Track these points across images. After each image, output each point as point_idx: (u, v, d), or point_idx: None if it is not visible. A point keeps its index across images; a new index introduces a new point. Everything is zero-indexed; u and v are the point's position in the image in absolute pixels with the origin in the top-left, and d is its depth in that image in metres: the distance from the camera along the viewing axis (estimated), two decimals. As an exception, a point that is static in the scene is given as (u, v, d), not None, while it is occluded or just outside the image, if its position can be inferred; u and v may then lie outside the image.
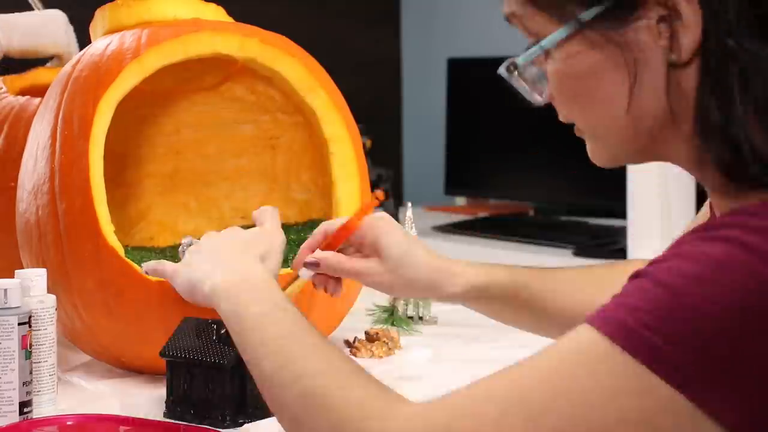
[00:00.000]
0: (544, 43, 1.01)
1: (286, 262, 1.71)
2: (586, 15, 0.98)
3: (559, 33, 0.99)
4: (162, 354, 1.42)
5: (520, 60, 1.04)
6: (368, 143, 3.32)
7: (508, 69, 1.05)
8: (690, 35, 0.95)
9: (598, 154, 1.07)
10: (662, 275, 0.89)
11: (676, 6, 0.95)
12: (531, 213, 3.73)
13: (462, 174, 3.89)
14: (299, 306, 1.18)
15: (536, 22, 1.01)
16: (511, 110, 4.07)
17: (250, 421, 1.36)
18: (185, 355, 1.40)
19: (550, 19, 1.00)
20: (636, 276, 0.92)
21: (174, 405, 1.41)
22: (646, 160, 1.06)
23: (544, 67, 1.04)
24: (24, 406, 1.36)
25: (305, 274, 1.38)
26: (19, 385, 1.36)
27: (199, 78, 1.83)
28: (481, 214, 3.78)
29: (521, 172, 3.71)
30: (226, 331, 1.21)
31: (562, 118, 1.07)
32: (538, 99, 1.07)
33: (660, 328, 0.87)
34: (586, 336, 0.90)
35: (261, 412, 1.35)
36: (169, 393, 1.42)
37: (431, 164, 4.13)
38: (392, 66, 4.43)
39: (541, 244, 2.99)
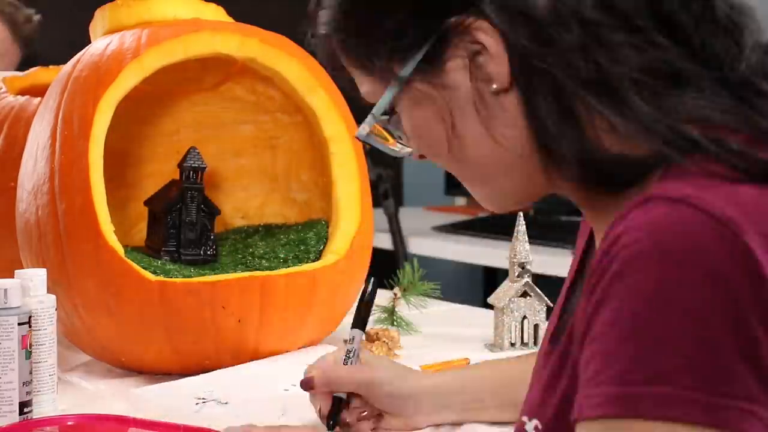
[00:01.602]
0: (375, 110, 1.04)
1: (285, 262, 1.72)
2: (404, 72, 1.00)
3: (386, 95, 1.02)
4: None
5: (360, 134, 1.07)
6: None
7: (365, 136, 1.07)
8: (500, 63, 0.96)
9: (485, 201, 1.08)
10: (614, 331, 0.85)
11: (478, 40, 0.97)
12: (531, 213, 3.72)
13: (462, 174, 3.88)
14: (299, 305, 1.18)
15: (374, 90, 1.04)
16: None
17: None
18: None
19: (380, 84, 1.03)
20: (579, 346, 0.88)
21: None
22: (532, 197, 1.05)
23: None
24: (24, 406, 1.36)
25: None
26: (19, 385, 1.36)
27: (199, 78, 1.83)
28: (481, 214, 3.78)
29: (521, 172, 3.71)
30: None
31: (441, 167, 1.09)
32: (407, 151, 1.09)
33: (651, 377, 0.83)
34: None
35: None
36: None
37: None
38: (392, 66, 4.43)
39: (541, 244, 2.99)
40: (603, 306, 0.85)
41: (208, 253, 1.73)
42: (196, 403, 1.43)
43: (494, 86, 0.97)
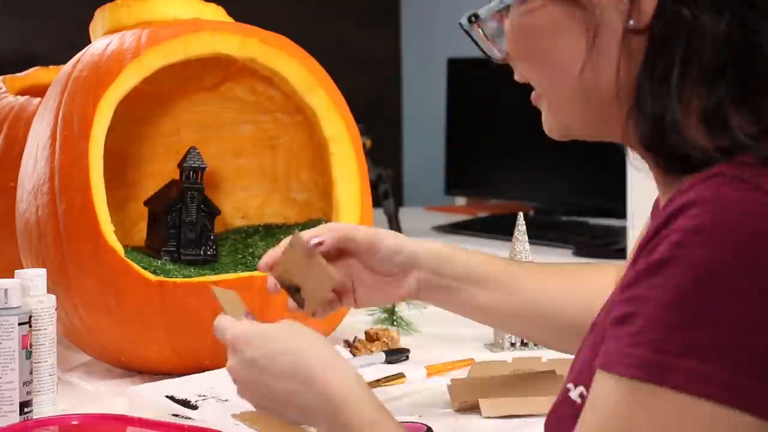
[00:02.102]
0: None
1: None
2: None
3: None
4: None
5: (482, 11, 1.06)
6: (368, 143, 3.31)
7: (469, 20, 1.07)
8: (648, 3, 0.94)
9: (549, 122, 1.06)
10: (659, 297, 0.86)
11: None
12: (531, 213, 3.72)
13: (462, 174, 3.88)
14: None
15: None
16: (510, 110, 4.06)
17: None
18: None
19: None
20: (624, 315, 0.88)
21: None
22: (598, 137, 1.04)
23: (504, 23, 1.04)
24: (24, 406, 1.36)
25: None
26: (20, 385, 1.36)
27: (199, 78, 1.83)
28: (481, 214, 3.78)
29: (521, 172, 3.71)
30: None
31: (517, 76, 1.07)
32: (496, 54, 1.07)
33: (685, 349, 0.84)
34: (614, 390, 0.87)
35: None
36: None
37: (431, 164, 4.13)
38: (392, 66, 4.43)
39: (541, 244, 2.99)
40: (657, 270, 0.86)
41: (208, 253, 1.73)
42: (195, 401, 1.43)
43: (631, 22, 0.95)
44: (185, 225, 1.72)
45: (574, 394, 0.98)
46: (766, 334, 0.83)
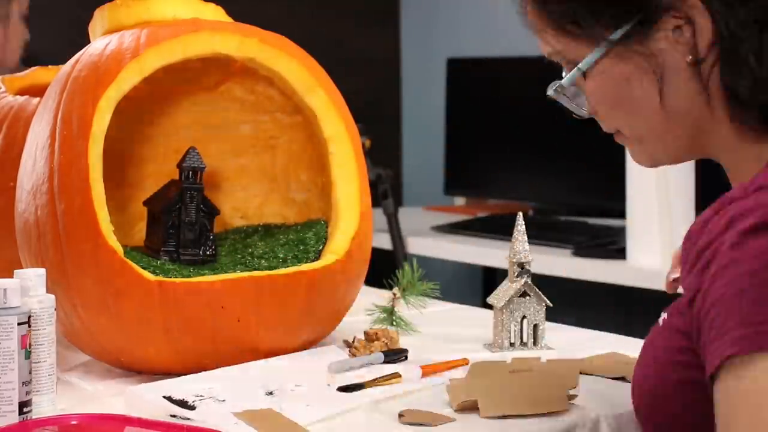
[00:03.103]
0: (582, 65, 1.21)
1: (285, 262, 1.72)
2: (614, 35, 1.18)
3: (593, 55, 1.20)
4: None
5: (565, 82, 1.24)
6: (367, 143, 3.32)
7: (555, 90, 1.25)
8: (705, 36, 1.15)
9: (639, 155, 1.25)
10: (731, 289, 0.96)
11: (690, 17, 1.15)
12: (531, 213, 3.72)
13: (461, 174, 3.89)
14: (299, 305, 1.19)
15: (572, 49, 1.21)
16: (510, 110, 4.07)
17: None
18: None
19: (584, 45, 1.20)
20: (703, 307, 1.00)
21: None
22: (687, 158, 1.23)
23: (582, 86, 1.23)
24: (23, 405, 1.36)
25: None
26: (19, 385, 1.36)
27: (198, 78, 1.83)
28: (481, 214, 3.78)
29: (521, 172, 3.71)
30: None
31: (605, 128, 1.25)
32: (583, 113, 1.27)
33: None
34: (722, 383, 0.95)
35: None
36: None
37: (430, 164, 4.13)
38: (392, 66, 4.43)
39: (541, 244, 2.99)
40: (725, 268, 0.99)
41: (208, 253, 1.73)
42: (193, 401, 1.43)
43: (690, 57, 1.16)
44: (184, 225, 1.72)
45: (660, 319, 1.16)
46: None
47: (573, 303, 2.86)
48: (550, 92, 1.25)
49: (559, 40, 1.22)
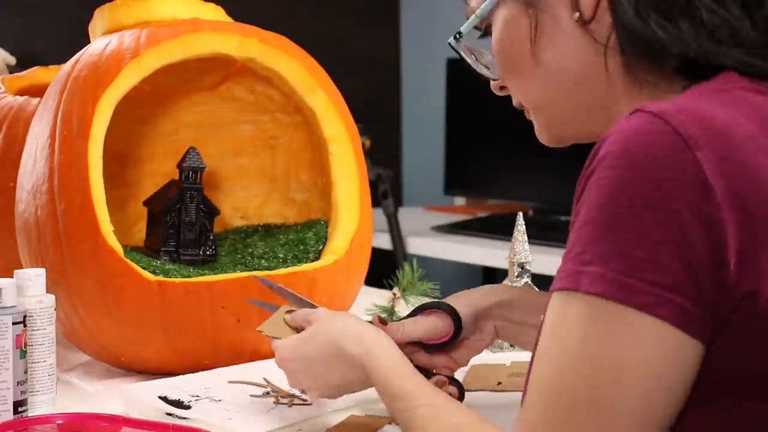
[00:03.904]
0: (479, 11, 1.19)
1: (285, 262, 1.72)
2: None
3: (485, 5, 1.18)
4: None
5: (463, 28, 1.22)
6: (367, 143, 3.32)
7: (454, 37, 1.24)
8: None
9: (539, 128, 1.21)
10: (580, 217, 0.99)
11: None
12: (531, 213, 3.72)
13: (461, 174, 3.88)
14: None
15: (477, 5, 1.20)
16: (510, 110, 4.05)
17: None
18: None
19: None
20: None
21: None
22: (593, 134, 1.16)
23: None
24: (18, 405, 1.36)
25: None
26: (14, 384, 1.36)
27: (198, 78, 1.83)
28: (481, 214, 3.78)
29: (521, 172, 3.71)
30: None
31: (513, 101, 1.22)
32: (488, 74, 1.23)
33: (594, 259, 0.96)
34: (550, 306, 1.00)
35: None
36: None
37: (430, 164, 4.13)
38: (392, 66, 4.43)
39: (540, 244, 2.99)
40: (582, 197, 1.00)
41: (208, 253, 1.73)
42: (189, 401, 1.43)
43: (576, 15, 1.10)
44: (185, 225, 1.72)
45: None
46: (657, 242, 0.94)
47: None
48: (450, 40, 1.24)
49: None
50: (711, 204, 0.94)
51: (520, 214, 1.75)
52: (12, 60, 2.94)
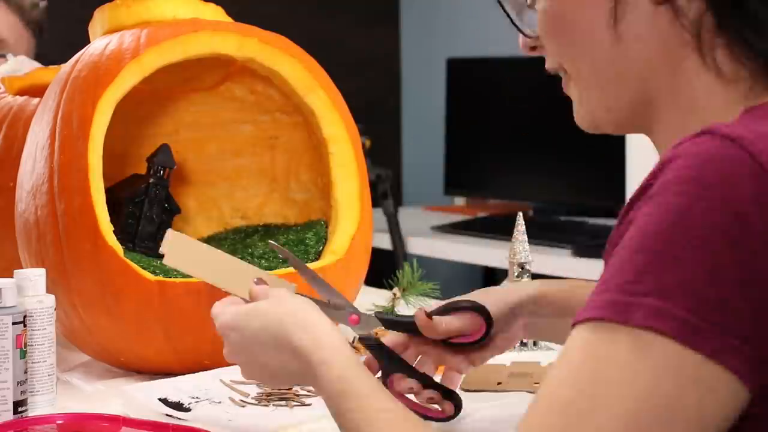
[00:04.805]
0: None
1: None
2: None
3: None
4: None
5: None
6: (367, 143, 3.32)
7: None
8: None
9: (578, 111, 1.08)
10: (632, 243, 0.89)
11: None
12: (530, 213, 3.72)
13: (461, 174, 3.89)
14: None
15: None
16: (510, 110, 4.07)
17: None
18: None
19: None
20: (607, 258, 0.92)
21: None
22: (627, 124, 1.07)
23: (537, 8, 1.07)
24: (18, 405, 1.36)
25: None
26: (14, 384, 1.36)
27: (198, 78, 1.83)
28: (481, 214, 3.78)
29: (521, 172, 3.71)
30: None
31: (548, 65, 1.09)
32: (526, 31, 1.10)
33: (651, 290, 0.86)
34: (579, 336, 0.90)
35: None
36: None
37: (430, 164, 4.13)
38: (392, 66, 4.43)
39: (540, 244, 2.99)
40: (632, 223, 0.90)
41: None
42: (189, 403, 1.43)
43: None
44: (146, 218, 1.73)
45: None
46: (727, 281, 0.86)
47: (573, 303, 2.85)
48: None
49: None
50: None
51: (520, 214, 1.75)
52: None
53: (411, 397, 1.30)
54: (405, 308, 1.86)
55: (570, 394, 0.88)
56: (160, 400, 1.43)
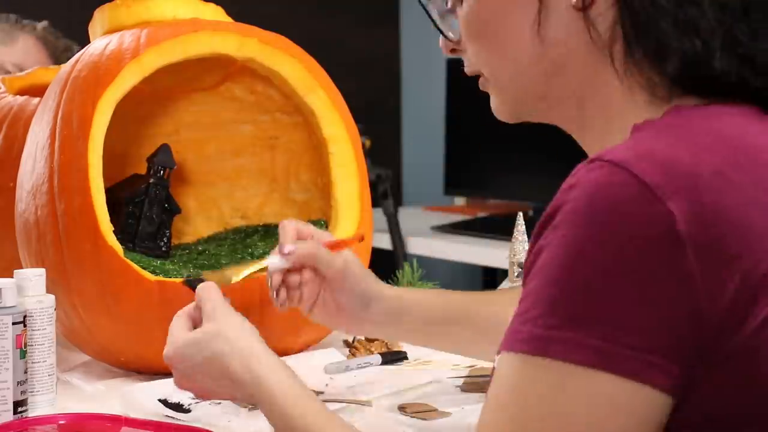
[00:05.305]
0: None
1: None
2: None
3: None
4: None
5: None
6: (367, 143, 3.32)
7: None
8: None
9: (499, 108, 1.15)
10: (541, 274, 0.92)
11: None
12: (530, 213, 3.72)
13: (461, 174, 3.88)
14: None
15: None
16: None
17: None
18: None
19: None
20: (524, 283, 0.95)
21: None
22: (548, 118, 1.12)
23: (459, 13, 1.11)
24: (18, 405, 1.36)
25: (274, 263, 1.39)
26: (14, 384, 1.36)
27: (198, 78, 1.83)
28: (481, 214, 3.78)
29: (521, 172, 3.71)
30: None
31: (468, 67, 1.13)
32: (448, 35, 1.15)
33: (563, 322, 0.90)
34: (507, 365, 0.93)
35: None
36: None
37: (430, 164, 4.13)
38: (392, 66, 4.43)
39: (540, 244, 2.99)
40: (542, 251, 0.94)
41: (163, 249, 1.73)
42: (188, 405, 1.43)
43: (573, 0, 1.02)
44: (145, 218, 1.72)
45: None
46: (631, 302, 0.89)
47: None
48: None
49: None
50: (686, 257, 0.88)
51: (520, 214, 1.75)
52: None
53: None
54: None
55: (504, 429, 0.92)
56: (160, 401, 1.43)
